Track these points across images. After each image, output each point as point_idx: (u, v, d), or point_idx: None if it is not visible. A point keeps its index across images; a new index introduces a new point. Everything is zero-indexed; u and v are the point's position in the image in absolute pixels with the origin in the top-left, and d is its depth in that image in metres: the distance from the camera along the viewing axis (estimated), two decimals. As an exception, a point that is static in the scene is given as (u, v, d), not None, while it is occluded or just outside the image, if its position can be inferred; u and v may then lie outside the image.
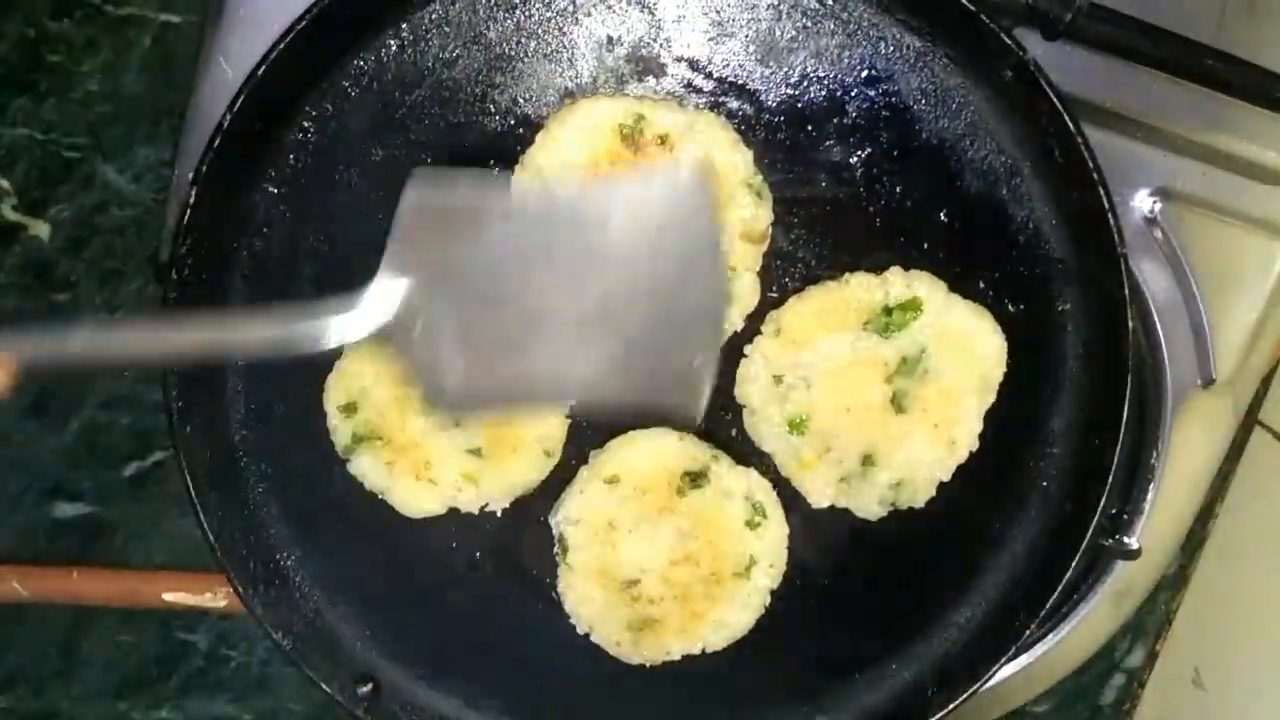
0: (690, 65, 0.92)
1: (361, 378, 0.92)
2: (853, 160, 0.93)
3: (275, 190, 0.91)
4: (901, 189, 0.93)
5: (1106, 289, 0.90)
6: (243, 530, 0.94)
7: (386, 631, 0.97)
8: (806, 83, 0.92)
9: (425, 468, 0.93)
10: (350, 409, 0.92)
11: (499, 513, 0.96)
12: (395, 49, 0.90)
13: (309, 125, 0.91)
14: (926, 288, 0.91)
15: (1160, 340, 1.02)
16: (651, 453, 0.94)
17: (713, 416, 0.96)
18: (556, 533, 0.95)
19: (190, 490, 0.90)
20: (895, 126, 0.92)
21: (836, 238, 0.94)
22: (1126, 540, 1.04)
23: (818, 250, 0.94)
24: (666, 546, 0.94)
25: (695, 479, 0.93)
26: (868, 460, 0.93)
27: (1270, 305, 1.04)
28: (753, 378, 0.93)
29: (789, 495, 0.95)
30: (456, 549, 0.97)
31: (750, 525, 0.94)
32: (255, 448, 0.95)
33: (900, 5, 0.89)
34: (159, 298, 0.90)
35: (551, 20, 0.91)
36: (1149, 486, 1.04)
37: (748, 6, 0.91)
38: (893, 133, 0.92)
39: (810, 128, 0.92)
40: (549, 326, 0.82)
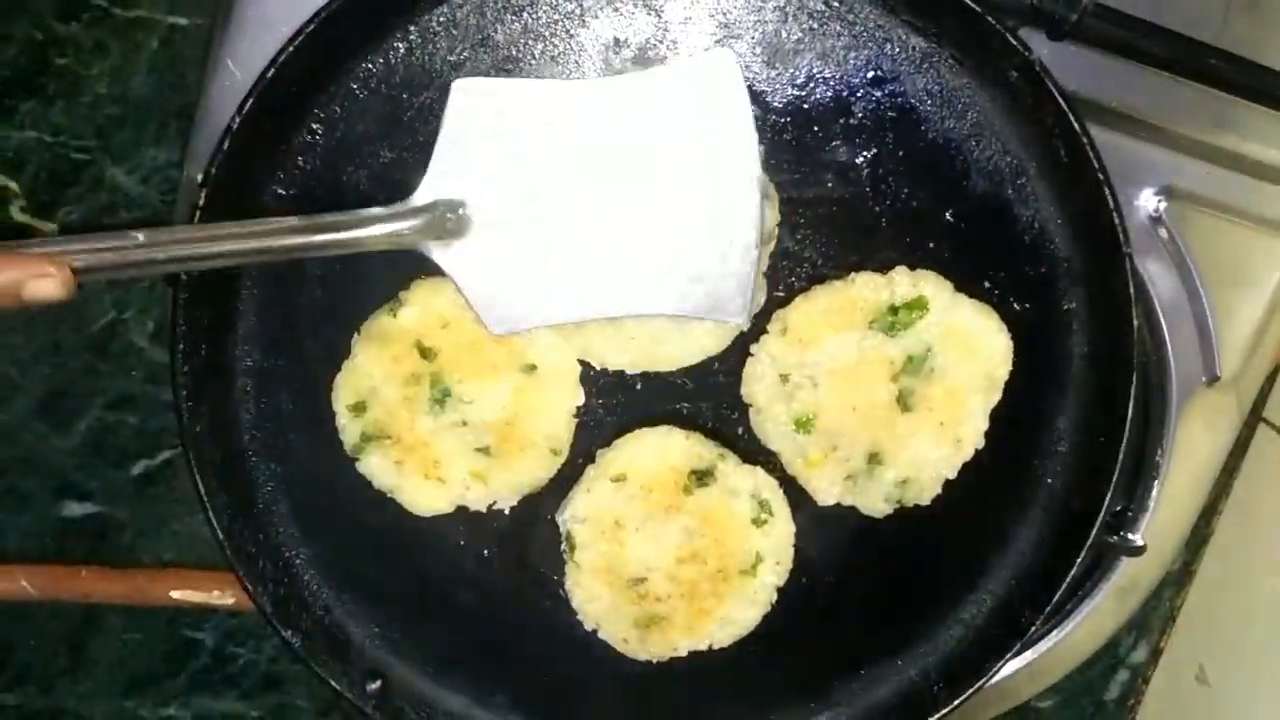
0: (696, 66, 0.93)
1: (370, 377, 0.92)
2: (859, 160, 0.93)
3: (283, 192, 0.91)
4: (907, 189, 0.93)
5: (1111, 288, 0.90)
6: (252, 529, 0.94)
7: (395, 629, 0.97)
8: (812, 84, 0.92)
9: (434, 466, 0.93)
10: (359, 408, 0.93)
11: (507, 511, 0.96)
12: (403, 51, 0.90)
13: (317, 127, 0.91)
14: (932, 287, 0.91)
15: (1165, 338, 1.02)
16: (658, 451, 0.94)
17: (719, 415, 0.97)
18: (564, 531, 0.95)
19: (200, 489, 0.90)
20: (901, 127, 0.92)
21: (842, 238, 0.94)
22: (1131, 537, 1.04)
23: (824, 250, 0.94)
24: (673, 544, 0.94)
25: (702, 477, 0.94)
26: (874, 458, 0.93)
27: (1275, 303, 1.04)
28: (759, 377, 0.93)
29: (795, 493, 0.95)
30: (464, 547, 0.98)
31: (757, 523, 0.94)
32: (264, 447, 0.95)
33: (905, 7, 0.89)
34: (169, 298, 0.90)
35: (558, 23, 0.91)
36: (1154, 483, 1.05)
37: (754, 9, 0.91)
38: (898, 133, 0.92)
39: (816, 128, 0.92)
40: (593, 233, 0.84)
